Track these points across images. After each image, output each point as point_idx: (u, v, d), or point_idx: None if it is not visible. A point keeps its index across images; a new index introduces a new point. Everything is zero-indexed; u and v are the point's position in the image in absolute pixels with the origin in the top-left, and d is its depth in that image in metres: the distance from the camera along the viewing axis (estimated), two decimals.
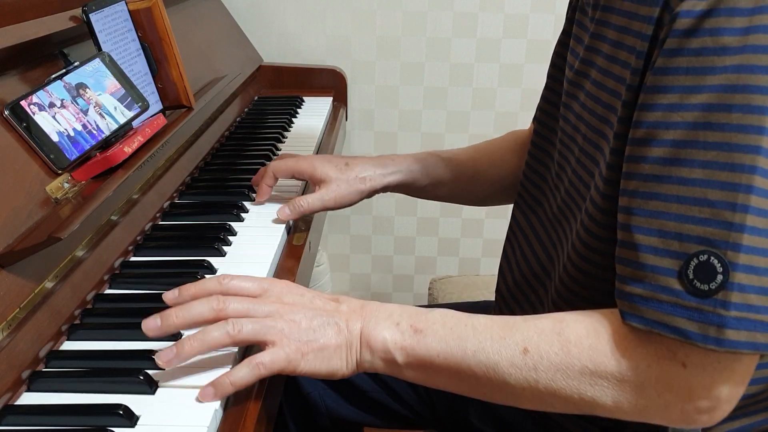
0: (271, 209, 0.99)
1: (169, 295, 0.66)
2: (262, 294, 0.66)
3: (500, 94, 1.76)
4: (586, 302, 0.69)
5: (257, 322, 0.62)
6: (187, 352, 0.61)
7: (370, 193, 0.97)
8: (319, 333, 0.63)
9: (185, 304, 0.64)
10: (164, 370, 0.64)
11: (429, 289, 1.45)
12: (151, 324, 0.63)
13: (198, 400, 0.61)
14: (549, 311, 0.75)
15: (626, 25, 0.62)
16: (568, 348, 0.58)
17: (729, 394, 0.56)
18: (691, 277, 0.53)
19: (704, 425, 0.58)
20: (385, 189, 0.98)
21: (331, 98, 1.63)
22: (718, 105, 0.53)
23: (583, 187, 0.70)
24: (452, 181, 0.99)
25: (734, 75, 0.52)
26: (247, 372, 0.61)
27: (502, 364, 0.60)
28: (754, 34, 0.52)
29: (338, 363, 0.64)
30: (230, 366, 0.65)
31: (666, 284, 0.54)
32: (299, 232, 0.97)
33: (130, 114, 0.91)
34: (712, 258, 0.53)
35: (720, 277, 0.53)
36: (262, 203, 1.00)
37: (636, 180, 0.57)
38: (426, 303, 1.39)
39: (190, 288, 0.66)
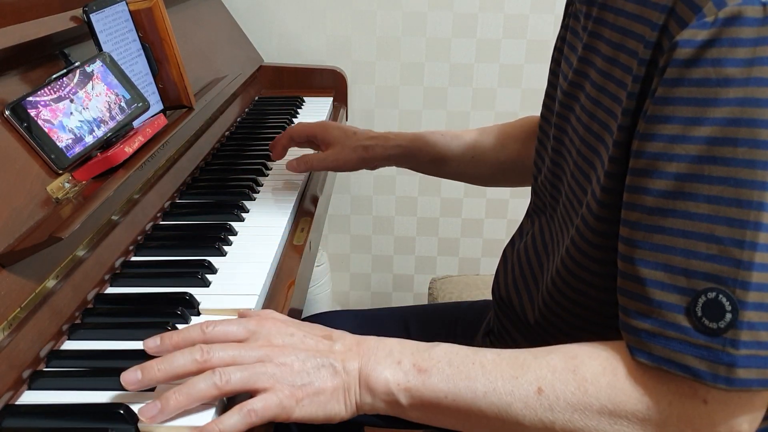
0: (272, 209, 1.00)
1: (149, 343, 0.62)
2: (249, 337, 0.62)
3: (500, 94, 1.76)
4: (571, 315, 0.69)
5: (246, 369, 0.58)
6: (173, 406, 0.57)
7: (372, 162, 1.02)
8: (314, 376, 0.59)
9: (167, 355, 0.60)
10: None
11: (429, 288, 1.45)
12: (130, 377, 0.59)
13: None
14: (539, 313, 0.75)
15: (620, 42, 0.60)
16: (585, 387, 0.56)
17: (749, 426, 0.55)
18: (699, 314, 0.52)
19: None
20: (388, 160, 1.02)
21: (331, 98, 1.63)
22: (723, 139, 0.51)
23: (576, 202, 0.69)
24: (454, 161, 1.02)
25: (738, 108, 0.51)
26: (237, 420, 0.57)
27: (516, 405, 0.57)
28: (758, 66, 0.50)
29: (336, 407, 0.60)
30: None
31: (674, 320, 0.53)
32: (299, 232, 0.97)
33: (131, 114, 0.91)
34: (721, 296, 0.52)
35: (729, 316, 0.51)
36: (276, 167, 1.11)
37: (638, 211, 0.56)
38: (426, 302, 1.39)
39: (173, 336, 0.62)
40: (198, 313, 0.75)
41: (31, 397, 0.63)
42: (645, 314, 0.55)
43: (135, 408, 0.59)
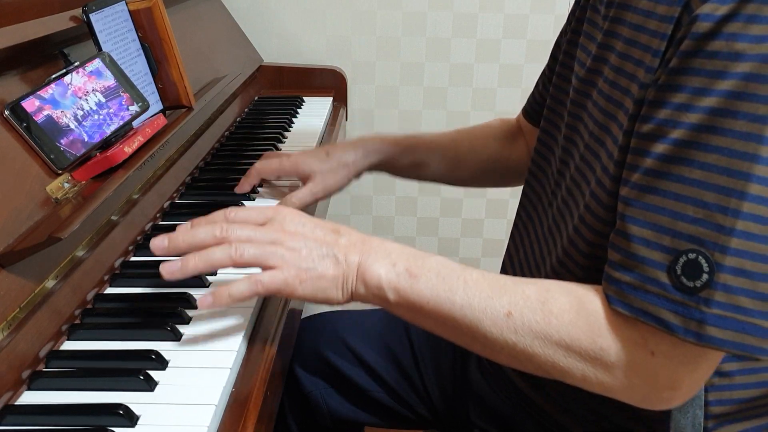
0: None
1: (181, 227, 0.70)
2: (266, 222, 0.69)
3: (500, 94, 1.76)
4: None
5: (259, 248, 0.66)
6: (191, 267, 0.66)
7: (357, 174, 1.01)
8: (318, 263, 0.66)
9: (192, 230, 0.68)
10: (164, 369, 0.65)
11: None
12: (158, 244, 0.67)
13: (197, 306, 0.65)
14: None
15: (642, 24, 0.62)
16: (549, 319, 0.61)
17: (689, 385, 0.59)
18: (678, 272, 0.56)
19: (661, 408, 0.62)
20: (369, 169, 1.02)
21: (331, 98, 1.63)
22: (724, 110, 0.54)
23: (584, 182, 0.71)
24: (433, 164, 1.03)
25: (743, 82, 0.53)
26: (245, 287, 0.65)
27: (485, 322, 0.63)
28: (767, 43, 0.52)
29: (333, 292, 0.67)
30: (230, 366, 0.66)
31: (654, 276, 0.57)
32: None
33: (130, 114, 0.91)
34: (700, 257, 0.55)
35: (705, 276, 0.55)
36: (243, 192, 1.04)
37: (638, 173, 0.59)
38: None
39: (201, 219, 0.70)
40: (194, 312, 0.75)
41: (30, 398, 0.63)
42: (629, 268, 0.58)
43: (134, 408, 0.60)
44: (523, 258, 0.85)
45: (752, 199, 0.53)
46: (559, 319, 0.61)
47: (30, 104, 0.77)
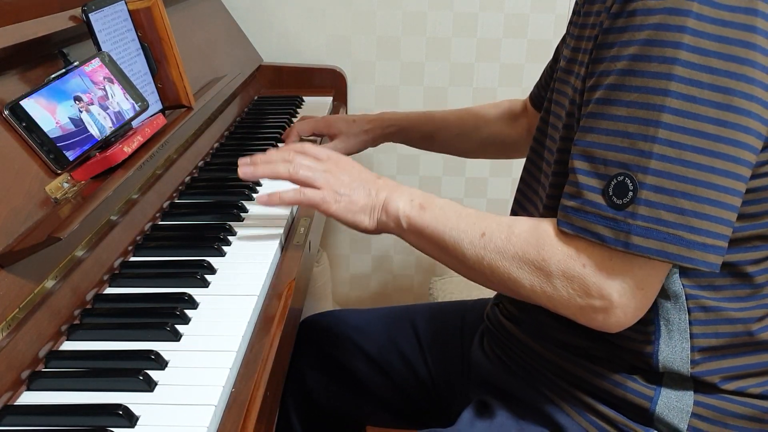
0: (271, 209, 0.99)
1: (259, 154, 0.90)
2: (326, 159, 0.87)
3: (500, 94, 1.76)
4: None
5: (311, 171, 0.85)
6: (260, 171, 0.87)
7: (374, 142, 1.23)
8: (354, 192, 0.84)
9: (271, 161, 0.88)
10: (164, 369, 0.65)
11: (429, 288, 1.45)
12: (245, 170, 0.88)
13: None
14: None
15: (600, 9, 0.72)
16: (510, 238, 0.73)
17: (620, 298, 0.67)
18: (610, 193, 0.66)
19: (601, 326, 0.70)
20: (385, 138, 1.23)
21: (331, 98, 1.63)
22: (641, 56, 0.65)
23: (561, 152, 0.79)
24: (440, 138, 1.22)
25: (654, 32, 0.64)
26: (292, 195, 0.85)
27: (465, 241, 0.76)
28: None
29: (362, 217, 0.83)
30: (224, 380, 0.66)
31: (592, 199, 0.67)
32: (299, 232, 0.97)
33: (130, 114, 0.91)
34: (626, 179, 0.65)
35: (630, 194, 0.65)
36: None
37: (584, 117, 0.70)
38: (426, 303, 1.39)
39: (276, 149, 0.92)
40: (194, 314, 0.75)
41: (30, 398, 0.62)
42: (573, 195, 0.69)
43: (134, 409, 0.59)
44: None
45: (666, 127, 0.64)
46: (518, 237, 0.73)
47: (29, 104, 0.77)
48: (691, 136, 0.63)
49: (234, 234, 0.92)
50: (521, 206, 0.91)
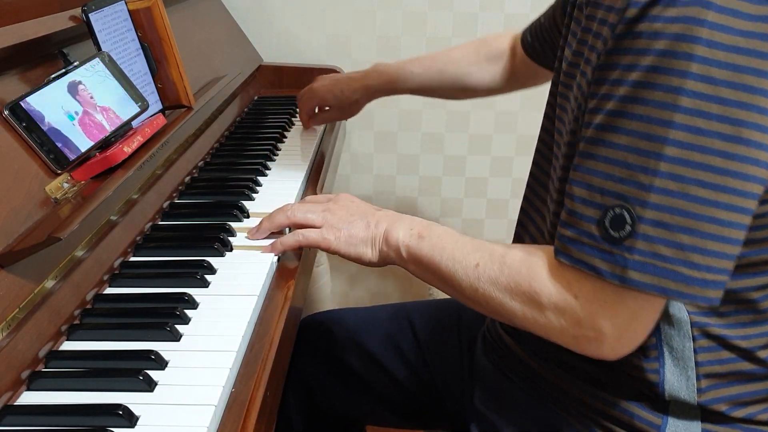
0: (271, 210, 0.99)
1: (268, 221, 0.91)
2: (324, 202, 0.89)
3: None
4: None
5: (309, 212, 0.86)
6: (264, 227, 0.89)
7: (366, 102, 1.33)
8: (353, 225, 0.84)
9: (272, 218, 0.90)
10: (164, 369, 0.65)
11: (429, 288, 1.45)
12: (253, 231, 0.91)
13: (249, 237, 0.91)
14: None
15: (605, 18, 0.68)
16: (503, 269, 0.72)
17: (613, 329, 0.65)
18: (607, 225, 0.64)
19: (598, 356, 0.68)
20: (375, 97, 1.32)
21: None
22: (645, 83, 0.61)
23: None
24: (421, 88, 1.30)
25: (659, 58, 0.60)
26: (292, 240, 0.86)
27: (459, 272, 0.75)
28: (680, 23, 0.59)
29: (364, 250, 0.83)
30: (229, 367, 0.66)
31: (588, 230, 0.65)
32: None
33: (130, 114, 0.91)
34: (624, 211, 0.63)
35: (629, 228, 0.62)
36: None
37: (582, 142, 0.67)
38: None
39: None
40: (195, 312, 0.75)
41: (30, 398, 0.63)
42: (570, 224, 0.67)
43: (134, 409, 0.59)
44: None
45: (668, 160, 0.60)
46: (511, 269, 0.71)
47: (29, 104, 0.77)
48: (695, 169, 0.60)
49: (234, 234, 0.92)
50: (527, 215, 0.89)
